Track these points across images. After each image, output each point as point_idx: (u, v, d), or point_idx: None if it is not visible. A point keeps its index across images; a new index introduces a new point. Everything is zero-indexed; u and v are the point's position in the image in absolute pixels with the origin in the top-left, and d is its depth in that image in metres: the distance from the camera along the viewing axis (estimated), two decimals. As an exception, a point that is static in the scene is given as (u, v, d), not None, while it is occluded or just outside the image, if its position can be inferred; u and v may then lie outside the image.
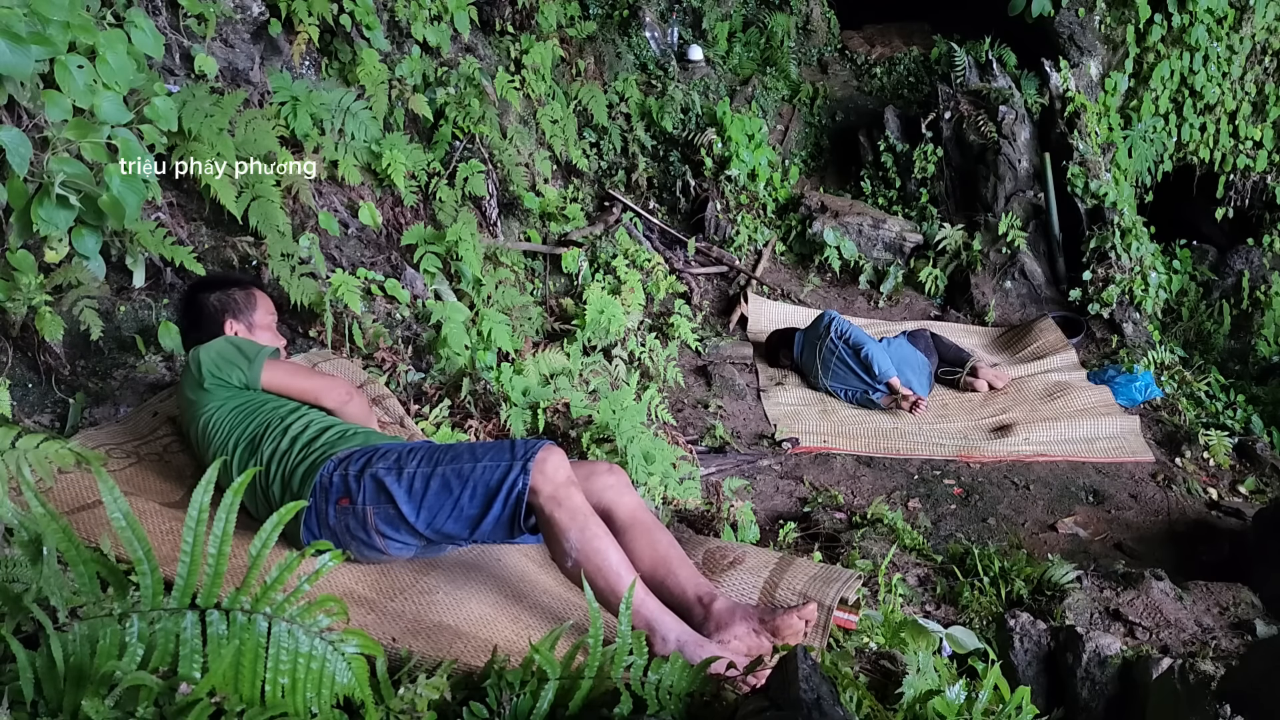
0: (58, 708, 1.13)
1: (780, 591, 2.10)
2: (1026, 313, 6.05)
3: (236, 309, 2.47)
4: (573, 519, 1.86)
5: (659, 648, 1.78)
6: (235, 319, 2.44)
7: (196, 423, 2.23)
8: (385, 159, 3.60)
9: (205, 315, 2.43)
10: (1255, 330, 6.23)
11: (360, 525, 1.96)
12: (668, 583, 1.97)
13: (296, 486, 2.01)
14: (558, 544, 1.87)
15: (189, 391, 2.26)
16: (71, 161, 2.32)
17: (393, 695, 1.43)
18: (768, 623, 1.87)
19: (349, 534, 1.97)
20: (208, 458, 2.20)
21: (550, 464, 1.91)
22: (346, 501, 1.96)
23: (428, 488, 1.93)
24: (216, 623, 1.19)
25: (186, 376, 2.28)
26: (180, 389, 2.33)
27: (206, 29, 3.01)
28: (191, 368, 2.26)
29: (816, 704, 1.34)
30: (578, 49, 5.72)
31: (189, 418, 2.28)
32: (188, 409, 2.28)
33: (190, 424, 2.28)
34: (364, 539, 1.97)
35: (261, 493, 2.10)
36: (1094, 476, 4.23)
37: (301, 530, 2.00)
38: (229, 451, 2.14)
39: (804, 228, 6.27)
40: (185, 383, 2.29)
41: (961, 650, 2.28)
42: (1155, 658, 2.10)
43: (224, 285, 2.51)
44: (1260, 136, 6.92)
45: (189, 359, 2.29)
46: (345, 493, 1.96)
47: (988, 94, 6.34)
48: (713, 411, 4.61)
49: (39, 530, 1.21)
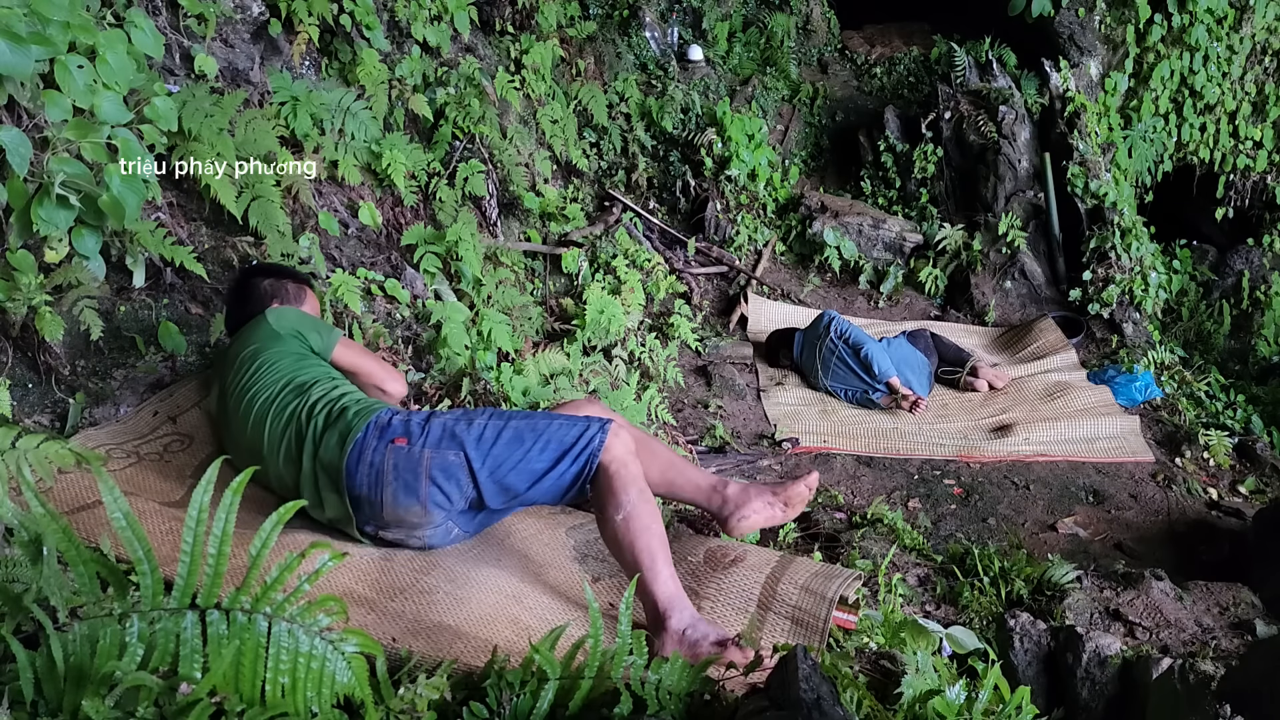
0: (58, 708, 1.13)
1: (781, 588, 2.10)
2: (1026, 313, 6.05)
3: (286, 297, 2.53)
4: (634, 481, 1.98)
5: (674, 622, 1.84)
6: (282, 306, 2.50)
7: (252, 362, 2.25)
8: (385, 159, 3.60)
9: (254, 296, 2.50)
10: (1255, 330, 6.23)
11: (411, 467, 1.97)
12: (680, 481, 2.27)
13: (350, 418, 2.04)
14: (614, 498, 1.96)
15: (256, 339, 2.30)
16: (71, 161, 2.32)
17: (393, 695, 1.43)
18: (780, 494, 2.24)
19: (395, 473, 1.97)
20: (246, 397, 2.20)
21: (624, 435, 2.05)
22: (404, 441, 1.99)
23: (499, 437, 2.01)
24: (216, 623, 1.19)
25: (260, 328, 2.33)
26: (241, 339, 2.36)
27: (206, 29, 3.01)
28: (269, 320, 2.34)
29: (816, 704, 1.34)
30: (578, 49, 5.72)
31: (242, 359, 2.28)
32: (243, 354, 2.29)
33: (241, 367, 2.27)
34: (409, 481, 1.98)
35: (296, 434, 2.10)
36: (1094, 476, 4.23)
37: (344, 459, 1.99)
38: (273, 388, 2.17)
39: (804, 228, 6.27)
40: (254, 332, 2.33)
41: (961, 650, 2.28)
42: (1155, 658, 2.10)
43: (279, 274, 2.59)
44: (1260, 136, 6.92)
45: (265, 316, 2.37)
46: (405, 433, 2.00)
47: (988, 94, 6.34)
48: (713, 411, 4.61)
49: (39, 530, 1.21)
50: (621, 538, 1.92)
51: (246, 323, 2.44)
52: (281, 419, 2.14)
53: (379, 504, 2.02)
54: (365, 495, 2.02)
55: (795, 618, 2.00)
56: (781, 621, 2.00)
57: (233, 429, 2.28)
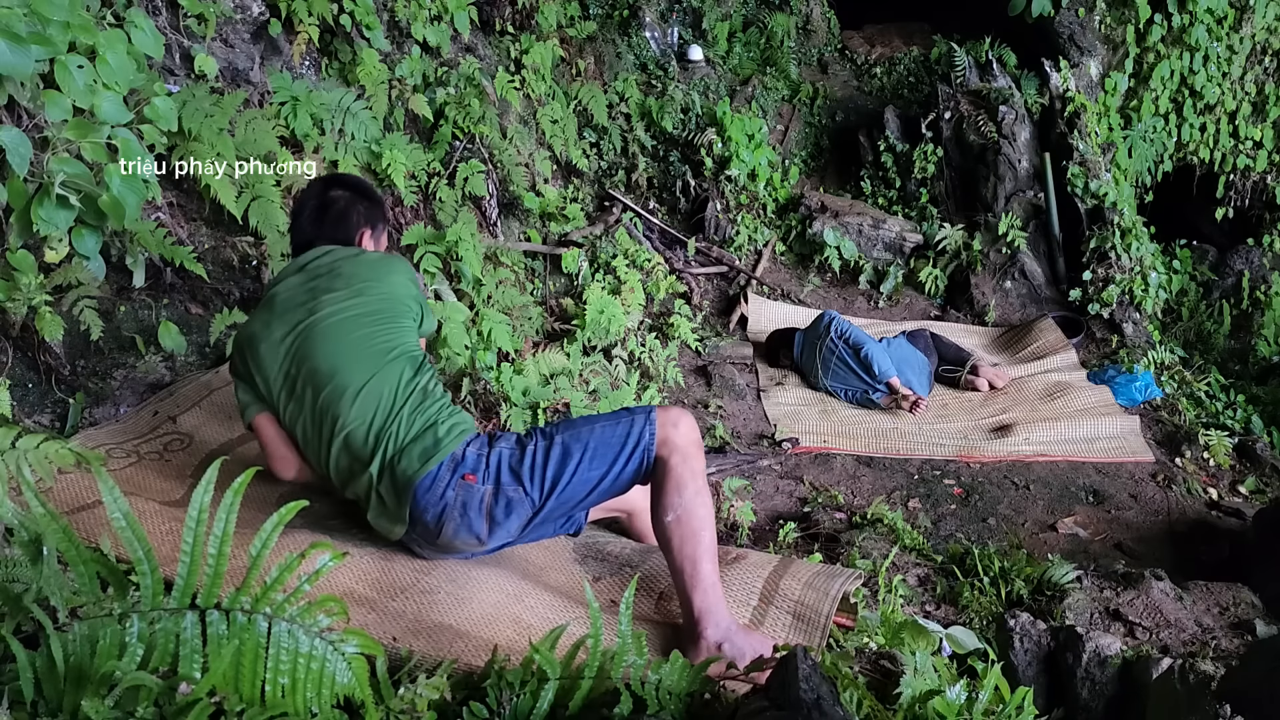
0: (58, 708, 1.13)
1: (784, 584, 2.10)
2: (1026, 313, 6.05)
3: (378, 232, 2.33)
4: (690, 479, 1.92)
5: (709, 634, 1.83)
6: (371, 235, 2.30)
7: (366, 294, 2.07)
8: (385, 159, 3.60)
9: (344, 217, 2.25)
10: (1255, 330, 6.23)
11: (476, 506, 1.96)
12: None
13: (440, 435, 1.97)
14: (665, 498, 1.92)
15: (377, 277, 2.10)
16: (71, 161, 2.32)
17: (393, 695, 1.43)
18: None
19: (461, 510, 1.95)
20: (343, 319, 2.03)
21: (685, 423, 1.99)
22: (473, 479, 1.96)
23: (548, 459, 1.97)
24: (216, 623, 1.19)
25: (390, 271, 2.14)
26: (349, 261, 2.14)
27: (206, 29, 3.01)
28: (400, 271, 2.15)
29: (816, 704, 1.34)
30: (578, 49, 5.72)
31: (351, 279, 2.08)
32: (354, 275, 2.09)
33: (346, 287, 2.07)
34: (472, 520, 1.96)
35: (391, 407, 1.99)
36: (1094, 476, 4.23)
37: (418, 479, 1.94)
38: (389, 339, 2.05)
39: (804, 228, 6.27)
40: (379, 268, 2.13)
41: (961, 650, 2.28)
42: (1155, 658, 2.10)
43: (371, 198, 2.33)
44: (1260, 136, 6.92)
45: (395, 263, 2.17)
46: (475, 469, 1.96)
47: (988, 94, 6.34)
48: (713, 411, 4.61)
49: (39, 530, 1.21)
50: (670, 538, 1.89)
51: (327, 243, 2.19)
52: (387, 378, 2.00)
53: (435, 533, 1.99)
54: (426, 521, 1.98)
55: (797, 613, 2.00)
56: (783, 616, 2.00)
57: (300, 336, 2.04)
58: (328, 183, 2.29)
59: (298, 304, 2.07)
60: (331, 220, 2.22)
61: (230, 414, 2.63)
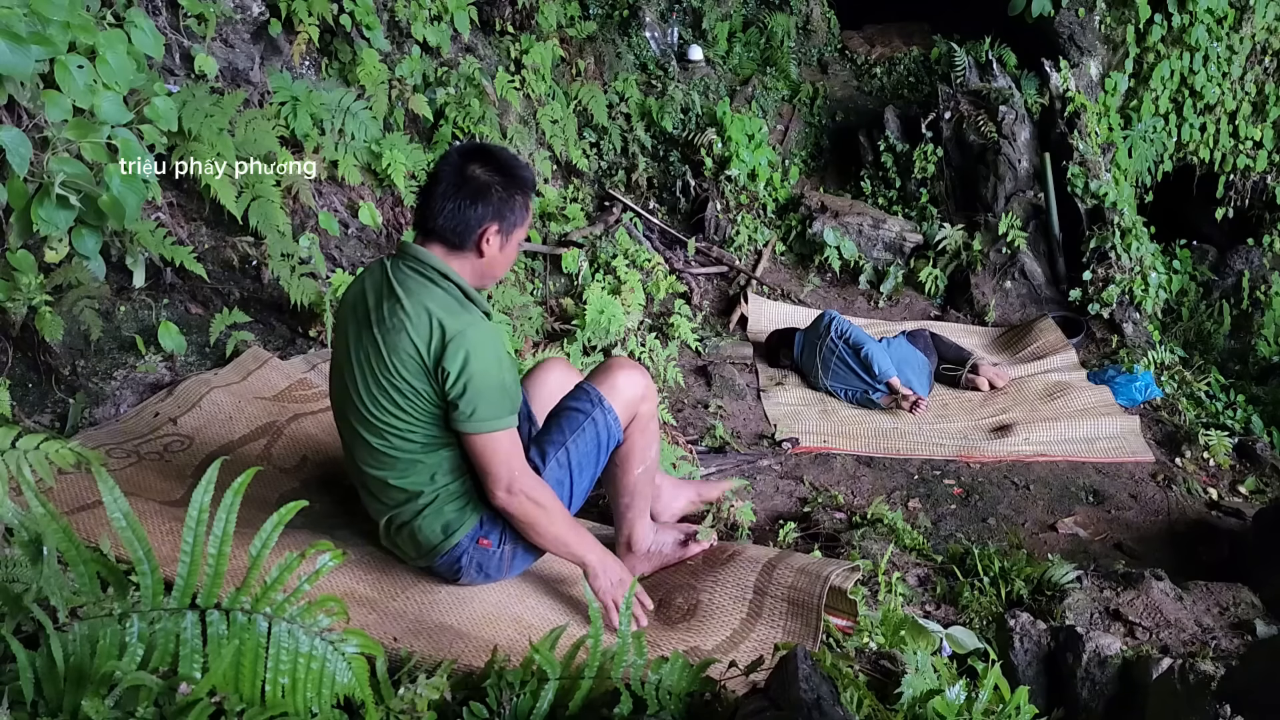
0: (58, 708, 1.13)
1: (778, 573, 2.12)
2: (1026, 313, 6.05)
3: (511, 220, 1.91)
4: (653, 440, 2.20)
5: (639, 546, 2.27)
6: (499, 231, 1.89)
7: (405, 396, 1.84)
8: (385, 159, 3.60)
9: (474, 206, 1.85)
10: (1255, 330, 6.22)
11: (496, 565, 2.04)
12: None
13: (461, 509, 1.96)
14: (635, 458, 2.16)
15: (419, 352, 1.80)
16: (71, 161, 2.32)
17: (393, 695, 1.43)
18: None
19: (477, 568, 2.02)
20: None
21: (632, 387, 2.13)
22: (488, 544, 2.01)
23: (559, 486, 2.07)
24: (216, 623, 1.19)
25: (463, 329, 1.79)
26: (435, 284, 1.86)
27: (206, 29, 3.01)
28: (444, 357, 1.78)
29: (816, 704, 1.34)
30: (578, 49, 5.72)
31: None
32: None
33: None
34: (490, 574, 2.05)
35: (409, 472, 1.92)
36: (1094, 476, 4.23)
37: (436, 552, 1.98)
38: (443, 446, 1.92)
39: (804, 228, 6.27)
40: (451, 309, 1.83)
41: (961, 650, 2.28)
42: (1155, 658, 2.10)
43: (514, 179, 1.90)
44: (1260, 136, 6.91)
45: (444, 331, 1.78)
46: (489, 534, 2.01)
47: (988, 94, 6.34)
48: (713, 411, 4.61)
49: (39, 530, 1.21)
50: (633, 485, 2.19)
51: (437, 238, 1.87)
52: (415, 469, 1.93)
53: (450, 579, 2.06)
54: (439, 569, 2.04)
55: (791, 598, 2.00)
56: (779, 604, 2.00)
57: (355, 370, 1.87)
58: (469, 155, 1.89)
59: (355, 323, 1.90)
60: (457, 205, 1.84)
61: (230, 414, 2.63)
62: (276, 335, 3.20)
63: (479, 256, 1.89)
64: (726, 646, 1.90)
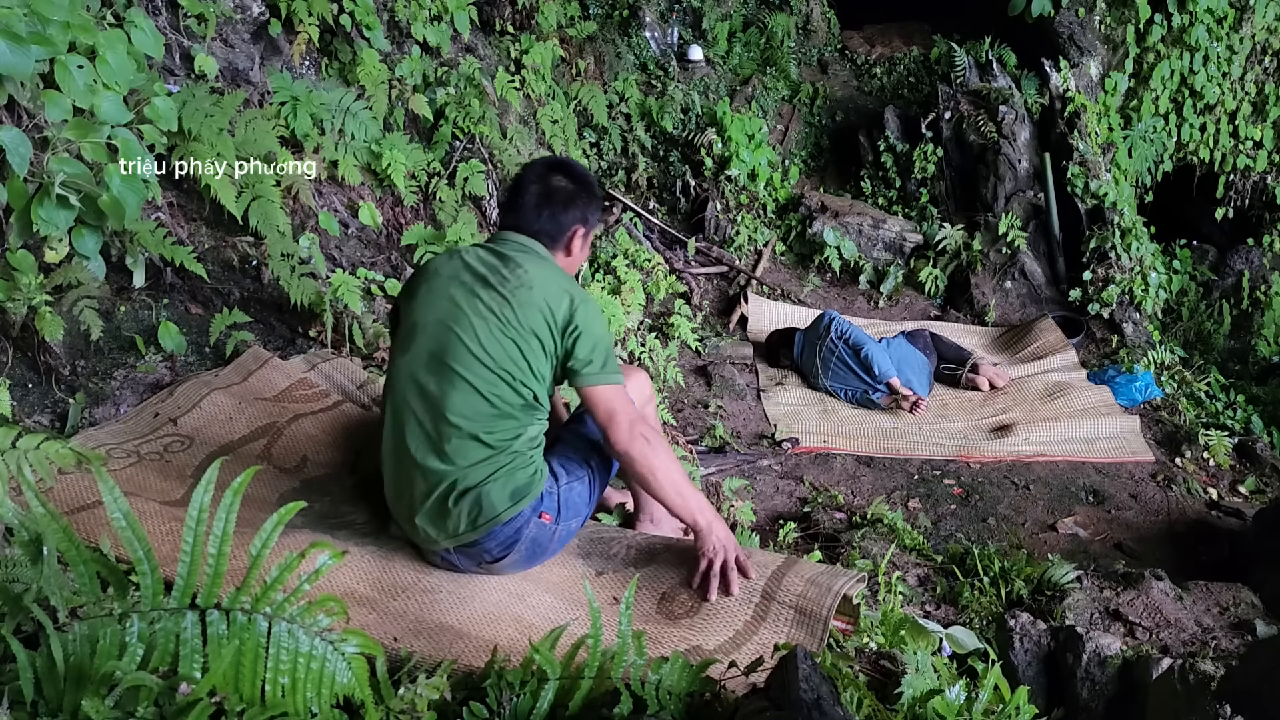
0: (58, 708, 1.13)
1: (786, 581, 2.11)
2: (1026, 313, 6.05)
3: (591, 224, 2.18)
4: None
5: None
6: (584, 234, 2.16)
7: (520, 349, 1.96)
8: (385, 159, 3.60)
9: (566, 211, 2.10)
10: (1255, 330, 6.23)
11: (545, 543, 2.07)
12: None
13: (533, 476, 2.03)
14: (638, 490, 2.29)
15: (548, 319, 1.96)
16: (71, 161, 2.32)
17: (393, 695, 1.43)
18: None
19: (531, 544, 2.04)
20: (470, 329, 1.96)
21: (636, 397, 2.16)
22: (549, 518, 2.05)
23: (576, 495, 2.14)
24: (216, 623, 1.19)
25: (557, 305, 1.97)
26: (534, 264, 2.02)
27: (206, 29, 3.01)
28: (582, 306, 1.99)
29: (816, 704, 1.34)
30: (578, 49, 5.72)
31: (510, 289, 1.97)
32: (519, 284, 1.97)
33: (499, 297, 1.97)
34: (536, 555, 2.08)
35: (475, 434, 1.97)
36: (1094, 476, 4.23)
37: (499, 518, 1.99)
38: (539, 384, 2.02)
39: (804, 228, 6.27)
40: (554, 288, 1.99)
41: (961, 650, 2.28)
42: (1155, 658, 2.10)
43: (591, 192, 2.17)
44: (1260, 136, 6.91)
45: (572, 296, 1.99)
46: (550, 508, 2.06)
47: (988, 94, 6.34)
48: (713, 411, 4.61)
49: (39, 530, 1.21)
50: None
51: (533, 234, 2.08)
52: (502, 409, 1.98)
53: (491, 560, 2.04)
54: (485, 546, 2.00)
55: (799, 606, 2.00)
56: (785, 611, 2.00)
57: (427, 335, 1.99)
58: (551, 166, 2.15)
59: (462, 286, 2.01)
60: (551, 211, 2.09)
61: (230, 414, 2.63)
62: (276, 335, 3.20)
63: (567, 255, 2.15)
64: (729, 647, 1.89)
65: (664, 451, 2.01)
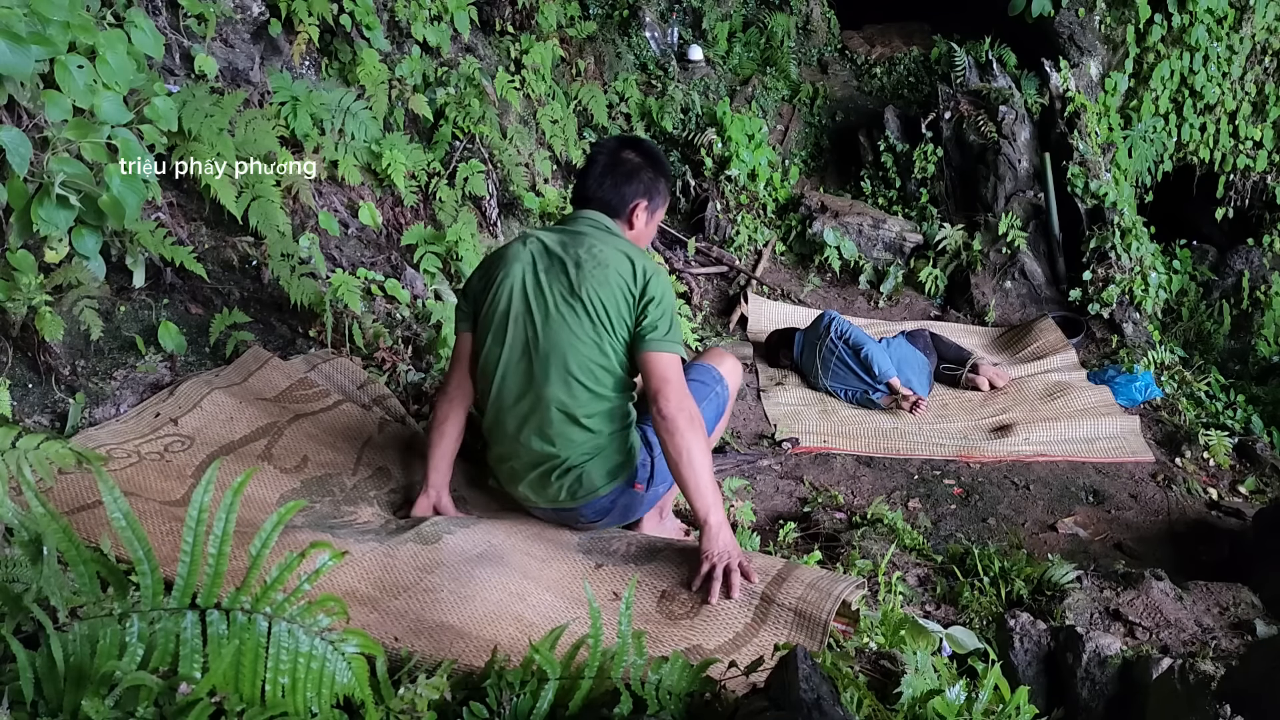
0: (58, 708, 1.13)
1: (787, 585, 2.11)
2: (1026, 313, 6.05)
3: (656, 200, 2.28)
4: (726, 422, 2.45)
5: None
6: (646, 208, 2.26)
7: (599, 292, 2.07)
8: (385, 159, 3.60)
9: (628, 183, 2.21)
10: (1255, 330, 6.22)
11: (634, 508, 2.19)
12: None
13: (630, 452, 2.16)
14: (716, 436, 2.35)
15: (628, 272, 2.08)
16: (71, 161, 2.32)
17: (393, 695, 1.43)
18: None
19: (622, 512, 2.19)
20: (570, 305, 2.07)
21: (731, 380, 2.40)
22: (641, 488, 2.18)
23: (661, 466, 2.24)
24: (216, 623, 1.19)
25: (643, 278, 2.09)
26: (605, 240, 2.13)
27: (206, 29, 3.01)
28: (656, 278, 2.10)
29: (816, 704, 1.34)
30: (578, 49, 5.72)
31: (595, 263, 2.08)
32: (597, 259, 2.09)
33: (589, 271, 2.08)
34: (625, 517, 2.21)
35: (572, 414, 2.09)
36: (1094, 476, 4.23)
37: (594, 495, 2.12)
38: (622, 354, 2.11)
39: (804, 228, 6.27)
40: (632, 264, 2.10)
41: (961, 650, 2.28)
42: (1155, 658, 2.10)
43: (660, 168, 2.28)
44: (1260, 136, 6.91)
45: (645, 267, 2.10)
46: (642, 479, 2.18)
47: (988, 94, 6.34)
48: (713, 411, 4.61)
49: (39, 530, 1.21)
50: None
51: (600, 206, 2.20)
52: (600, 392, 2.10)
53: (588, 522, 2.18)
54: (582, 512, 2.16)
55: (799, 610, 2.00)
56: (785, 614, 2.00)
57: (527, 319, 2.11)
58: (624, 142, 2.30)
59: (544, 274, 2.11)
60: (614, 181, 2.20)
61: (231, 414, 2.64)
62: (276, 335, 3.20)
63: (629, 228, 2.23)
64: (729, 648, 1.89)
65: (703, 438, 2.07)
